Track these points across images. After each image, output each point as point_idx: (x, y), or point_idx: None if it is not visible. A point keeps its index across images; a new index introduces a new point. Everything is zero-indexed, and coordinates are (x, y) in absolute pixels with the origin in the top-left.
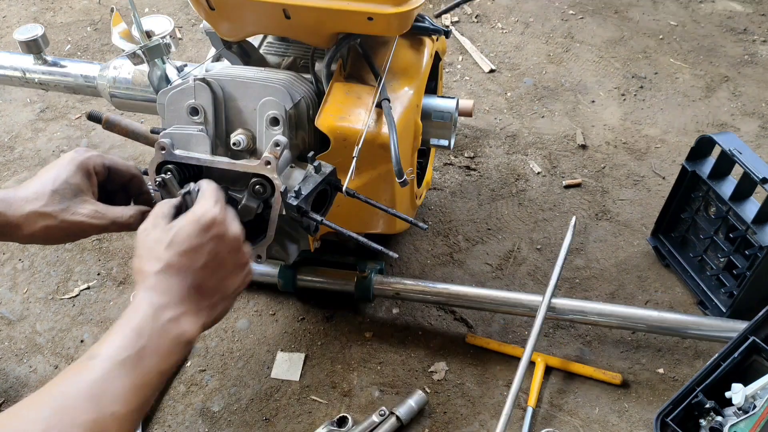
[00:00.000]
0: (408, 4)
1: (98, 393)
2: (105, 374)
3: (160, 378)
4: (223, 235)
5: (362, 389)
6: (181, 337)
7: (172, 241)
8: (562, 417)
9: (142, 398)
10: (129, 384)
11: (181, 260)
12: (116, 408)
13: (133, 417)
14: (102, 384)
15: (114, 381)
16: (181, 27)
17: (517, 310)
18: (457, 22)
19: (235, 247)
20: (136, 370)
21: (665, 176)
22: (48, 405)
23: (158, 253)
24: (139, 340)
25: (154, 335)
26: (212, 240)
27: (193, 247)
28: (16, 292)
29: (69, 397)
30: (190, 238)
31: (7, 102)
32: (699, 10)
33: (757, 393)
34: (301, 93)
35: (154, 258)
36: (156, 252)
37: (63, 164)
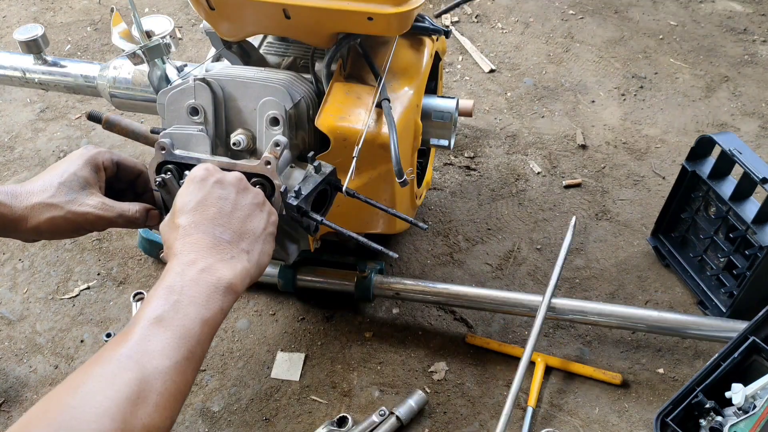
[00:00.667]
0: (408, 4)
1: (138, 352)
2: (143, 334)
3: (203, 327)
4: (221, 180)
5: (362, 389)
6: (218, 283)
7: (179, 207)
8: (562, 417)
9: (186, 349)
10: (169, 337)
11: (193, 217)
12: (158, 362)
13: (180, 368)
14: (141, 343)
15: (152, 338)
16: (181, 27)
17: (517, 310)
18: (457, 22)
19: (241, 187)
20: (174, 323)
21: (665, 176)
22: (89, 373)
23: (174, 226)
24: (171, 295)
25: (186, 287)
26: (214, 187)
27: (198, 201)
28: (16, 292)
29: (109, 361)
30: (193, 194)
31: (7, 102)
32: (699, 10)
33: (757, 393)
34: (301, 93)
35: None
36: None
37: (72, 159)
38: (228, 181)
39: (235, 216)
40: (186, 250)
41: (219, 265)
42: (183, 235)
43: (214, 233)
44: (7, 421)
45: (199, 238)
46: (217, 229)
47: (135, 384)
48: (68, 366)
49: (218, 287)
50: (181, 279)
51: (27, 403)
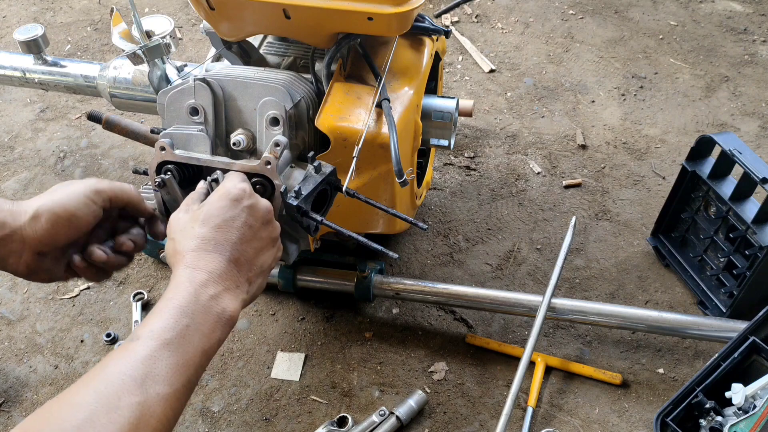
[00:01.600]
0: (408, 4)
1: (142, 374)
2: (149, 355)
3: (203, 357)
4: (253, 207)
5: (362, 389)
6: (222, 314)
7: (205, 218)
8: (562, 417)
9: (186, 378)
10: (173, 363)
11: (216, 234)
12: (161, 389)
13: (178, 396)
14: (146, 365)
15: (158, 361)
16: (181, 27)
17: (517, 310)
18: (457, 22)
19: (267, 220)
20: (179, 350)
21: (665, 176)
22: (93, 389)
23: (192, 232)
24: (182, 319)
25: (197, 314)
26: (244, 212)
27: (226, 220)
28: (16, 292)
29: (113, 380)
30: (222, 211)
31: (7, 102)
32: (699, 10)
33: (757, 393)
34: (301, 93)
35: (189, 237)
36: (190, 231)
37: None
38: (258, 211)
39: (252, 246)
40: (200, 266)
41: (226, 294)
42: (199, 247)
43: (230, 258)
44: (7, 421)
45: (215, 258)
46: (233, 254)
47: (137, 409)
48: (68, 366)
49: (221, 318)
50: (195, 304)
51: (27, 403)
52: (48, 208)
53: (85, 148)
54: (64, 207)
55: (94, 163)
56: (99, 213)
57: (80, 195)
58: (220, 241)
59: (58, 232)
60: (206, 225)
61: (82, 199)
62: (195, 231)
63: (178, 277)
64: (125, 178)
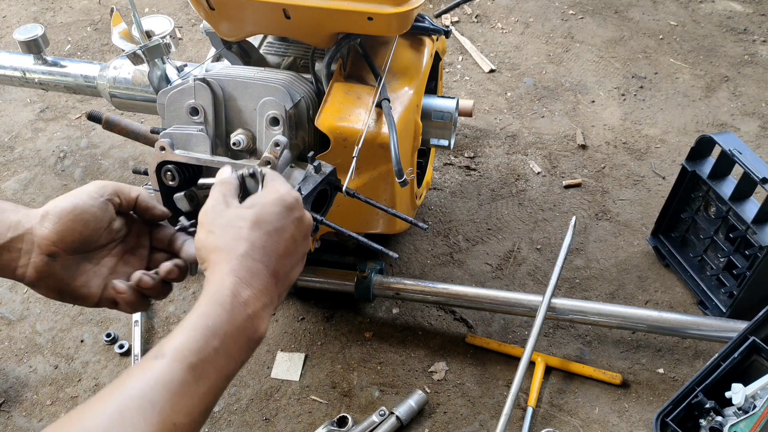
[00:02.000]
0: (408, 4)
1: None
2: (171, 379)
3: (225, 382)
4: (302, 219)
5: (362, 389)
6: (254, 336)
7: (257, 220)
8: (562, 417)
9: (206, 406)
10: (195, 391)
11: (267, 241)
12: (178, 418)
13: (194, 427)
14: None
15: (180, 388)
16: (181, 27)
17: (517, 310)
18: (457, 22)
19: (307, 234)
20: (204, 376)
21: (665, 176)
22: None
23: (242, 232)
24: (213, 340)
25: (228, 336)
26: (293, 223)
27: (278, 229)
28: (16, 292)
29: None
30: (276, 218)
31: (7, 102)
32: (699, 10)
33: (757, 393)
34: (301, 93)
35: (236, 237)
36: (239, 231)
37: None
38: (304, 224)
39: (291, 260)
40: (246, 279)
41: (262, 313)
42: (248, 254)
43: (273, 272)
44: (7, 421)
45: (260, 270)
46: (276, 268)
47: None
48: (68, 366)
49: (252, 339)
50: (229, 324)
51: (27, 403)
52: (55, 204)
53: (85, 148)
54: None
55: (94, 163)
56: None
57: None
58: (268, 251)
59: (66, 227)
60: (258, 229)
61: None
62: (244, 232)
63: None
64: (125, 178)
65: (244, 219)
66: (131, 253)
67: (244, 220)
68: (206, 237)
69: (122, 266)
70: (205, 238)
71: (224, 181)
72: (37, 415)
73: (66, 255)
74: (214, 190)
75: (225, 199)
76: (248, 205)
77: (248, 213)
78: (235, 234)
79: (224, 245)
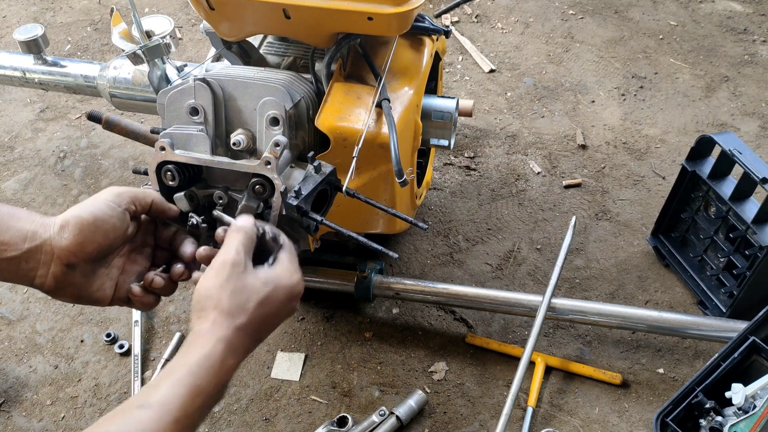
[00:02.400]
0: (408, 4)
1: None
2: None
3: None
4: (297, 305)
5: (362, 389)
6: (228, 378)
7: (265, 301)
8: (562, 417)
9: None
10: None
11: (264, 320)
12: None
13: None
14: None
15: None
16: (181, 27)
17: (517, 310)
18: (457, 22)
19: (296, 308)
20: (185, 429)
21: (665, 176)
22: None
23: (249, 305)
24: (197, 399)
25: (210, 396)
26: (290, 309)
27: (277, 312)
28: (16, 292)
29: None
30: (281, 304)
31: (7, 102)
32: (699, 10)
33: (757, 393)
34: (301, 93)
35: (242, 308)
36: (246, 302)
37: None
38: (296, 305)
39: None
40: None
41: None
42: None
43: (257, 340)
44: (7, 421)
45: (249, 343)
46: (261, 337)
47: None
48: (68, 366)
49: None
50: (213, 386)
51: (27, 403)
52: (74, 215)
53: (85, 148)
54: (88, 212)
55: (94, 163)
56: (124, 216)
57: (102, 199)
58: (261, 328)
59: (86, 238)
60: (262, 308)
61: (104, 203)
62: (250, 306)
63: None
64: (125, 178)
65: (256, 293)
66: (138, 252)
67: (256, 293)
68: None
69: (130, 265)
70: (212, 289)
71: (246, 232)
72: (37, 415)
73: (84, 264)
74: (234, 238)
75: (245, 260)
76: (264, 280)
77: (261, 289)
78: (241, 303)
79: (228, 309)
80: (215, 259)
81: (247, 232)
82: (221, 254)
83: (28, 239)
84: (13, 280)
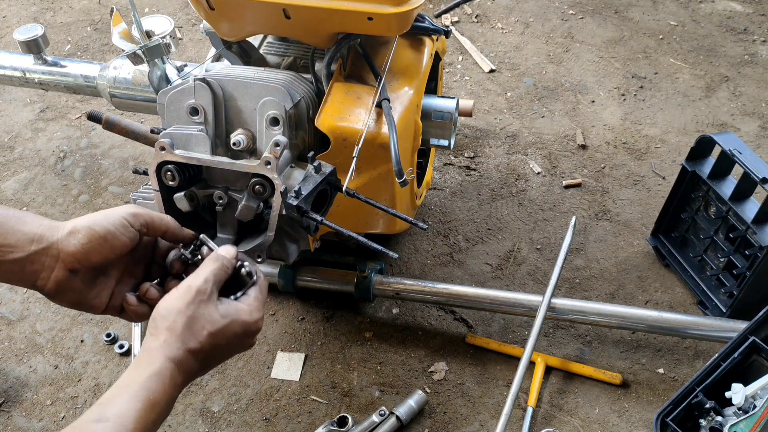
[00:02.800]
0: (408, 4)
1: None
2: None
3: None
4: (252, 338)
5: (362, 389)
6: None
7: (219, 333)
8: (562, 417)
9: None
10: None
11: (215, 350)
12: None
13: None
14: None
15: None
16: (181, 27)
17: (517, 310)
18: (457, 22)
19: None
20: None
21: (665, 176)
22: None
23: (201, 333)
24: (152, 413)
25: (162, 409)
26: (244, 345)
27: (229, 345)
28: (16, 292)
29: None
30: (235, 338)
31: (7, 102)
32: (699, 10)
33: (757, 393)
34: (301, 93)
35: (195, 335)
36: (200, 330)
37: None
38: (253, 338)
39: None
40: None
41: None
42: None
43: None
44: (7, 421)
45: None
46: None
47: None
48: (68, 366)
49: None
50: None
51: (27, 403)
52: (85, 224)
53: (85, 148)
54: (101, 225)
55: (94, 163)
56: (135, 237)
57: (118, 216)
58: (210, 357)
59: (93, 248)
60: (215, 339)
61: (119, 220)
62: (203, 335)
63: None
64: (125, 178)
65: (211, 323)
66: (136, 264)
67: (211, 324)
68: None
69: (127, 276)
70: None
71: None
72: (37, 415)
73: (86, 271)
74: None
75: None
76: (223, 313)
77: (218, 321)
78: (195, 330)
79: (180, 333)
80: (183, 282)
81: (223, 263)
82: (190, 279)
83: (35, 241)
84: (14, 282)
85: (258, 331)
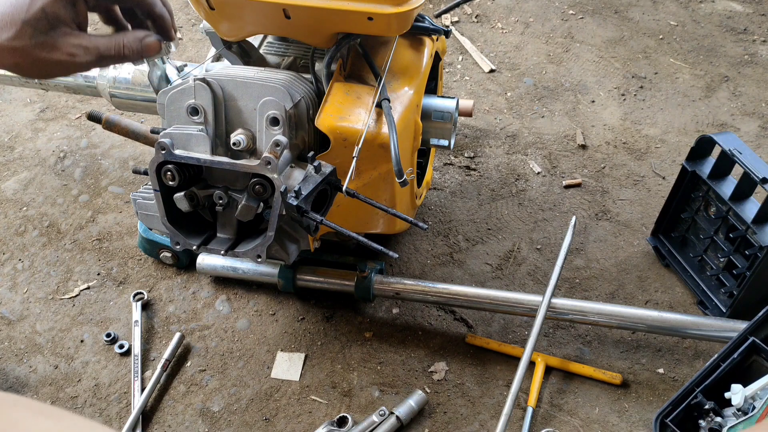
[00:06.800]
0: (408, 4)
1: None
2: None
3: None
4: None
5: (362, 389)
6: None
7: None
8: (562, 417)
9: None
10: None
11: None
12: None
13: None
14: None
15: None
16: (181, 27)
17: (517, 310)
18: (457, 22)
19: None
20: None
21: (665, 176)
22: None
23: None
24: None
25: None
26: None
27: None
28: (16, 292)
29: None
30: None
31: (7, 102)
32: (699, 10)
33: (757, 394)
34: (301, 93)
35: None
36: None
37: None
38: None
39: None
40: None
41: None
42: None
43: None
44: None
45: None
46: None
47: None
48: (68, 366)
49: None
50: None
51: None
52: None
53: (85, 148)
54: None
55: (94, 163)
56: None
57: None
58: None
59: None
60: None
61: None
62: None
63: None
64: (125, 178)
65: None
66: None
67: None
68: None
69: None
70: None
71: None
72: None
73: None
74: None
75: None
76: None
77: None
78: None
79: None
80: None
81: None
82: None
83: None
84: None
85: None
